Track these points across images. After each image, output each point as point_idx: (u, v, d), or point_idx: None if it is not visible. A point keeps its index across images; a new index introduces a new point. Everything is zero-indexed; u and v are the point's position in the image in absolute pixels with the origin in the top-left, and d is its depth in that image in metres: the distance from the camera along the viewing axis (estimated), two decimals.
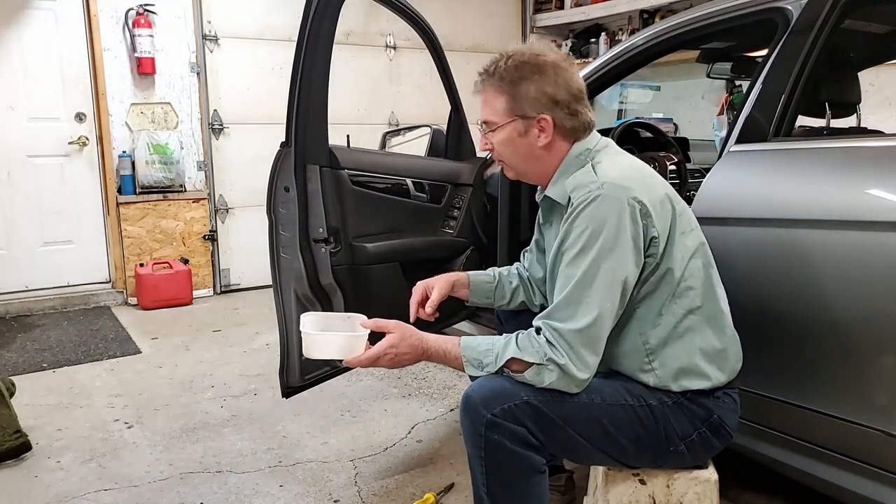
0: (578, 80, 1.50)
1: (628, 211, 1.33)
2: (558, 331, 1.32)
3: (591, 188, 1.36)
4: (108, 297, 4.58)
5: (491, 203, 2.55)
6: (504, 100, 1.46)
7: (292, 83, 1.94)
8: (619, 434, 1.39)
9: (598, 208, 1.34)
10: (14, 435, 2.34)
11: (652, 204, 1.36)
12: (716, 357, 1.43)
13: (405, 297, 1.70)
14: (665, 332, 1.41)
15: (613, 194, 1.34)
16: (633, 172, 1.43)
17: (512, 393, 1.34)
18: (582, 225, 1.35)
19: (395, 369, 3.18)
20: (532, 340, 1.34)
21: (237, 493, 2.14)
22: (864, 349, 1.52)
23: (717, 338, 1.43)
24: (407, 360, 1.44)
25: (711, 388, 1.42)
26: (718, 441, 1.45)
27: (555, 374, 1.32)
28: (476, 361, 1.39)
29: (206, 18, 4.65)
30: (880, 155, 1.61)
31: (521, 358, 1.33)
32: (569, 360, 1.31)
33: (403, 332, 1.44)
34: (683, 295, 1.41)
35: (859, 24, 2.09)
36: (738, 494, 2.03)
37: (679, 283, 1.40)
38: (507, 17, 6.03)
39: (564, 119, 1.46)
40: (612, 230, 1.32)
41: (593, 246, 1.33)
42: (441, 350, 1.43)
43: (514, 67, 1.45)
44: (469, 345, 1.41)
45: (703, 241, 1.48)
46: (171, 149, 4.52)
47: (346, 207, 2.10)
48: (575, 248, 1.35)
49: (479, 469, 1.37)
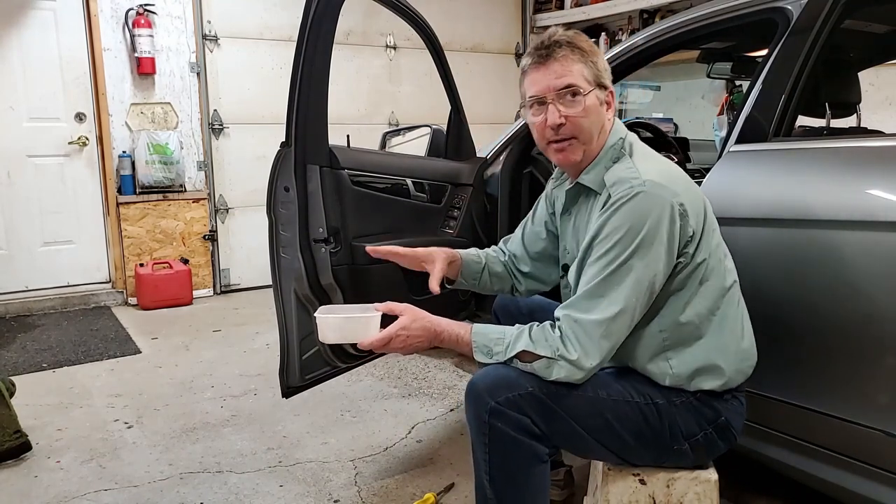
0: None
1: (668, 211, 1.33)
2: (578, 321, 1.33)
3: (634, 184, 1.35)
4: (108, 297, 4.58)
5: (491, 203, 2.55)
6: (587, 67, 1.44)
7: (292, 83, 1.94)
8: (623, 430, 1.39)
9: (640, 205, 1.33)
10: (14, 435, 2.34)
11: (691, 204, 1.37)
12: (733, 357, 1.43)
13: (405, 298, 1.70)
14: (687, 330, 1.41)
15: (656, 192, 1.34)
16: (673, 173, 1.44)
17: (517, 383, 1.35)
18: (620, 220, 1.34)
19: (400, 362, 3.19)
20: (546, 334, 1.35)
21: (237, 493, 2.14)
22: (864, 349, 1.52)
23: (736, 338, 1.44)
24: (419, 343, 1.44)
25: (723, 389, 1.42)
26: (723, 443, 1.45)
27: (564, 369, 1.33)
28: (486, 349, 1.39)
29: (206, 18, 4.66)
30: (880, 155, 1.60)
31: (534, 351, 1.34)
32: (581, 354, 1.32)
33: (415, 314, 1.44)
34: (707, 293, 1.41)
35: (859, 24, 2.09)
36: (738, 494, 2.03)
37: (702, 281, 1.40)
38: (507, 17, 6.03)
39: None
40: (650, 229, 1.32)
41: (629, 243, 1.32)
42: (454, 334, 1.43)
43: (584, 41, 1.46)
44: (481, 331, 1.42)
45: (722, 242, 1.49)
46: (171, 149, 4.52)
47: (346, 207, 2.10)
48: (609, 242, 1.34)
49: (482, 455, 1.38)
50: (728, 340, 1.43)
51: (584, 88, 1.44)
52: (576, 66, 1.44)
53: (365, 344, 1.42)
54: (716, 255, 1.43)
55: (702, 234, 1.40)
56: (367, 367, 3.16)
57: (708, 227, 1.42)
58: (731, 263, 1.50)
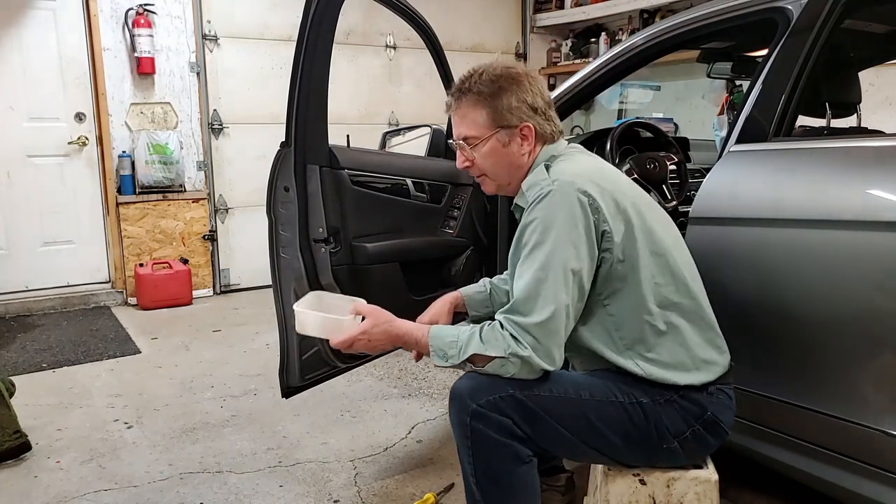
0: (547, 90, 1.57)
1: (577, 204, 1.36)
2: (520, 324, 1.34)
3: (543, 185, 1.41)
4: (108, 297, 4.58)
5: (491, 203, 2.54)
6: (485, 112, 1.49)
7: (292, 83, 1.94)
8: (608, 430, 1.40)
9: (550, 203, 1.38)
10: (14, 435, 2.33)
11: (602, 198, 1.38)
12: (698, 354, 1.43)
13: (405, 297, 1.70)
14: (640, 331, 1.41)
15: (563, 189, 1.38)
16: (589, 171, 1.46)
17: (498, 386, 1.37)
18: (535, 221, 1.39)
19: (400, 362, 3.19)
20: (496, 333, 1.36)
21: (237, 493, 2.14)
22: (864, 349, 1.52)
23: (698, 334, 1.44)
24: (381, 346, 1.49)
25: (703, 383, 1.42)
26: (713, 438, 1.45)
27: (517, 366, 1.34)
28: (441, 352, 1.41)
29: (206, 18, 4.65)
30: (880, 155, 1.60)
31: (485, 353, 1.35)
32: (532, 352, 1.33)
33: (377, 318, 1.48)
34: (654, 292, 1.41)
35: (859, 24, 2.09)
36: (738, 494, 2.03)
37: (648, 281, 1.40)
38: (507, 17, 6.03)
39: (543, 125, 1.52)
40: (564, 224, 1.35)
41: (546, 240, 1.36)
42: (413, 338, 1.46)
43: (490, 81, 1.48)
44: (437, 334, 1.43)
45: (678, 236, 1.51)
46: (170, 149, 4.52)
47: (346, 207, 2.10)
48: (530, 243, 1.38)
49: (467, 459, 1.40)
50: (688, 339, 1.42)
51: (477, 138, 1.51)
52: (475, 113, 1.50)
53: (333, 343, 1.48)
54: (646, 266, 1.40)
55: (626, 228, 1.40)
56: (367, 368, 3.16)
57: (637, 225, 1.41)
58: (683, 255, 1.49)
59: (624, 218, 1.41)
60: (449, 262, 2.41)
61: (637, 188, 1.54)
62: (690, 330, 1.43)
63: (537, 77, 1.55)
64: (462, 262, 2.41)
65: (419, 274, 2.30)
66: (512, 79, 1.49)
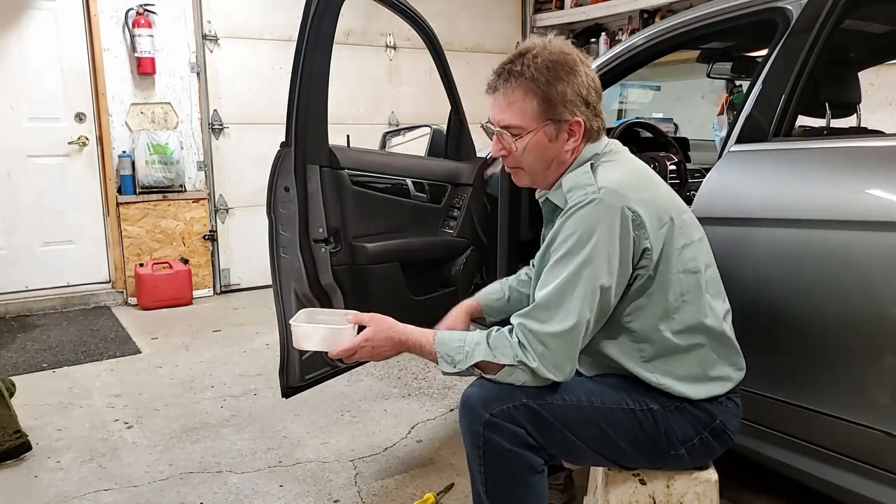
0: (598, 78, 1.43)
1: (620, 220, 1.30)
2: (533, 332, 1.30)
3: (588, 191, 1.33)
4: (108, 297, 4.57)
5: (491, 203, 2.54)
6: (536, 102, 1.37)
7: (292, 83, 1.94)
8: (618, 437, 1.38)
9: (592, 213, 1.30)
10: (14, 435, 2.34)
11: (648, 215, 1.32)
12: (714, 370, 1.42)
13: (405, 298, 1.70)
14: (661, 347, 1.39)
15: (609, 200, 1.30)
16: (635, 179, 1.39)
17: (511, 394, 1.33)
18: (572, 228, 1.31)
19: (400, 362, 3.19)
20: (504, 340, 1.32)
21: (237, 493, 2.14)
22: (865, 349, 1.52)
23: (718, 352, 1.42)
24: (386, 352, 1.44)
25: (713, 396, 1.42)
26: (719, 445, 1.45)
27: (527, 375, 1.31)
28: (449, 358, 1.36)
29: (206, 18, 4.65)
30: (880, 155, 1.60)
31: (493, 360, 1.31)
32: (540, 363, 1.29)
33: (380, 325, 1.44)
34: (680, 310, 1.38)
35: (859, 24, 2.09)
36: (738, 494, 2.03)
37: (676, 299, 1.37)
38: (507, 17, 6.03)
39: (592, 120, 1.41)
40: (603, 236, 1.29)
41: (581, 251, 1.29)
42: (417, 343, 1.41)
43: (546, 67, 1.35)
44: (444, 340, 1.38)
45: (708, 250, 1.46)
46: (170, 149, 4.52)
47: (346, 207, 2.10)
48: (561, 250, 1.32)
49: (478, 468, 1.37)
50: (705, 357, 1.41)
51: (524, 128, 1.39)
52: (524, 102, 1.37)
53: (334, 353, 1.44)
54: (687, 271, 1.37)
55: (664, 246, 1.34)
56: (367, 367, 3.16)
57: (675, 241, 1.36)
58: (713, 271, 1.45)
59: (666, 232, 1.35)
60: (449, 262, 2.41)
61: (674, 194, 1.45)
62: (711, 348, 1.41)
63: (590, 64, 1.41)
64: (462, 262, 2.41)
65: (419, 274, 2.30)
66: (570, 67, 1.36)
